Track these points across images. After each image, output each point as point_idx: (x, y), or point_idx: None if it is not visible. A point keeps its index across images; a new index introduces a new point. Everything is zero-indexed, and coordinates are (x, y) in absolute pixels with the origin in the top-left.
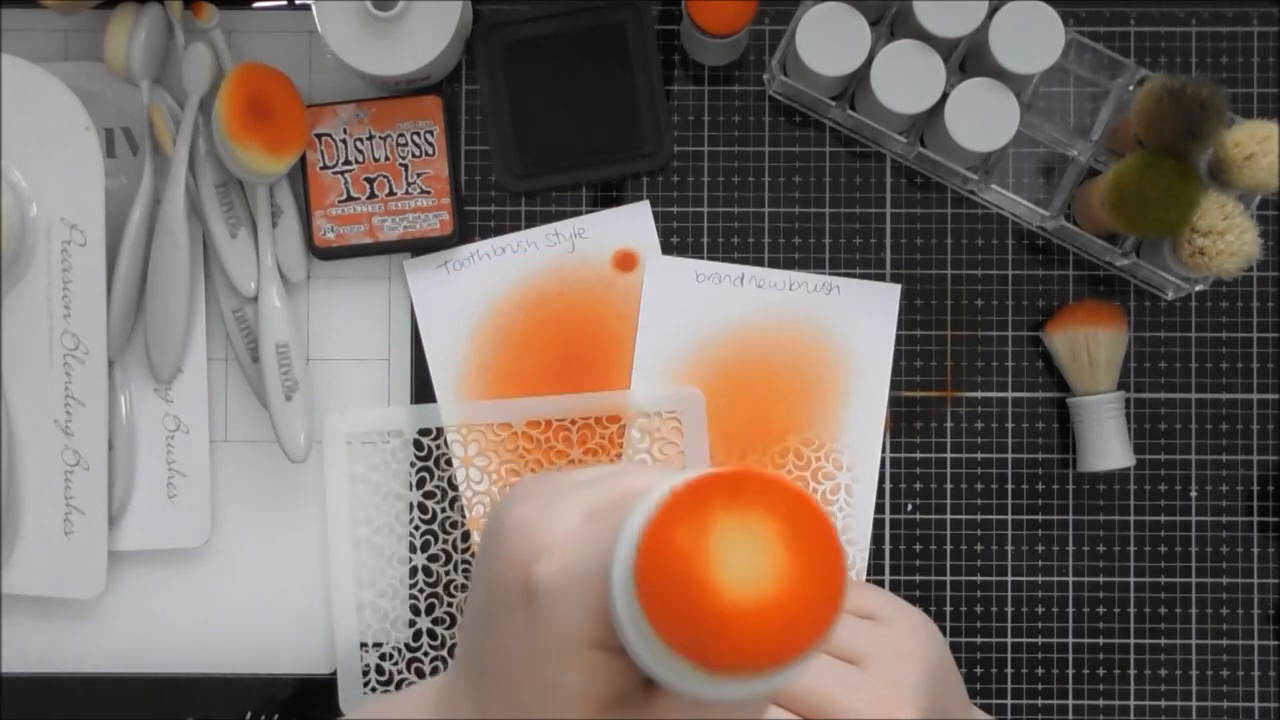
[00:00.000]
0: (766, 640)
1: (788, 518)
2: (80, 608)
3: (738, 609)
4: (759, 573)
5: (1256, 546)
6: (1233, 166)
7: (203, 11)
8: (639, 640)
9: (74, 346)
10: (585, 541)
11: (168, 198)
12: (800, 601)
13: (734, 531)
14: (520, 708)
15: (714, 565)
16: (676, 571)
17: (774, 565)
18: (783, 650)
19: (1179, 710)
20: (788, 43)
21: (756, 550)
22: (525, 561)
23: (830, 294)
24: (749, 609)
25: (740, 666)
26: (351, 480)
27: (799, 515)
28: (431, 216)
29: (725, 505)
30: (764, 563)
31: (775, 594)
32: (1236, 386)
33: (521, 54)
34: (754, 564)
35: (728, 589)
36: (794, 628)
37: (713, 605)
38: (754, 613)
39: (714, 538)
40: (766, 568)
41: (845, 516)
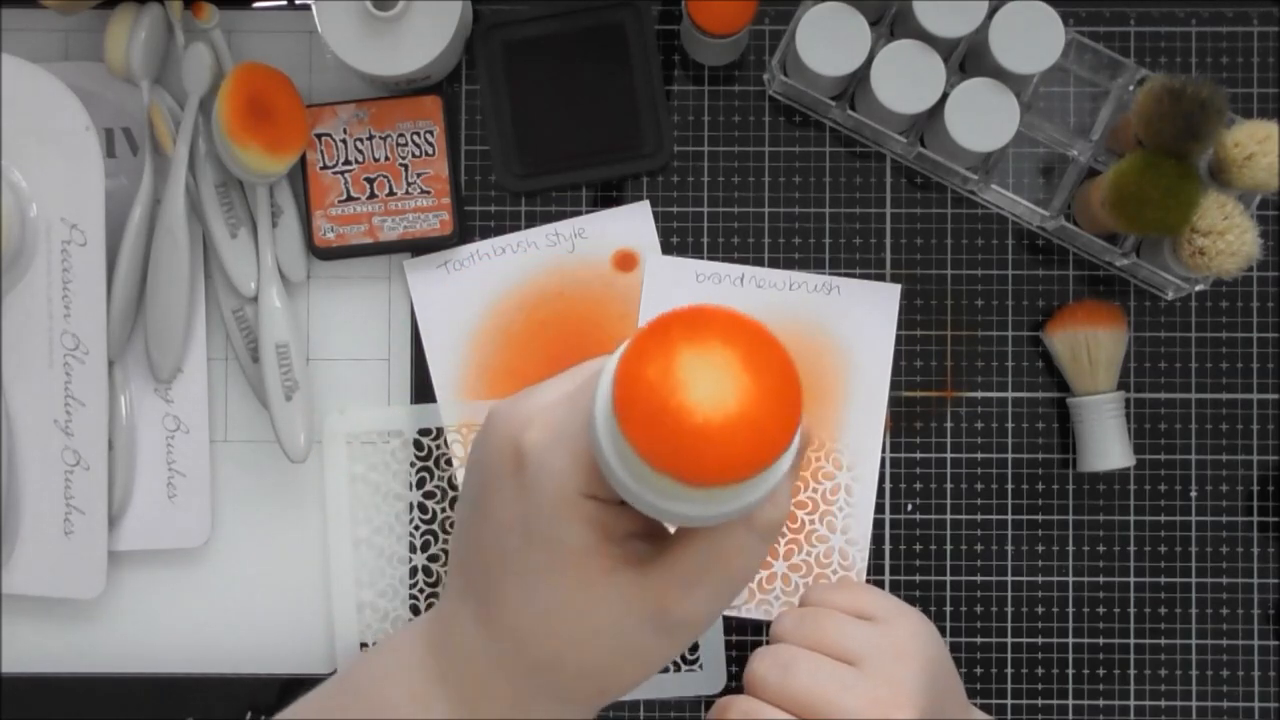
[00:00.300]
0: (735, 450)
1: (744, 344)
2: (80, 608)
3: (708, 425)
4: (722, 393)
5: (1256, 546)
6: (1233, 166)
7: (203, 11)
8: (624, 469)
9: (74, 346)
10: (566, 407)
11: (168, 198)
12: (762, 415)
13: (696, 359)
14: (524, 586)
15: (682, 390)
16: (650, 399)
17: (735, 386)
18: (750, 459)
19: (1179, 710)
20: (788, 43)
21: (718, 374)
22: (513, 435)
23: (830, 294)
24: (717, 424)
25: (715, 476)
26: (351, 480)
27: (755, 341)
28: (431, 216)
29: (686, 338)
30: (726, 384)
31: (739, 410)
32: (1236, 386)
33: (521, 54)
34: (717, 386)
35: (697, 409)
36: (758, 439)
37: (686, 424)
38: (722, 427)
39: (679, 367)
40: (729, 388)
41: (845, 516)
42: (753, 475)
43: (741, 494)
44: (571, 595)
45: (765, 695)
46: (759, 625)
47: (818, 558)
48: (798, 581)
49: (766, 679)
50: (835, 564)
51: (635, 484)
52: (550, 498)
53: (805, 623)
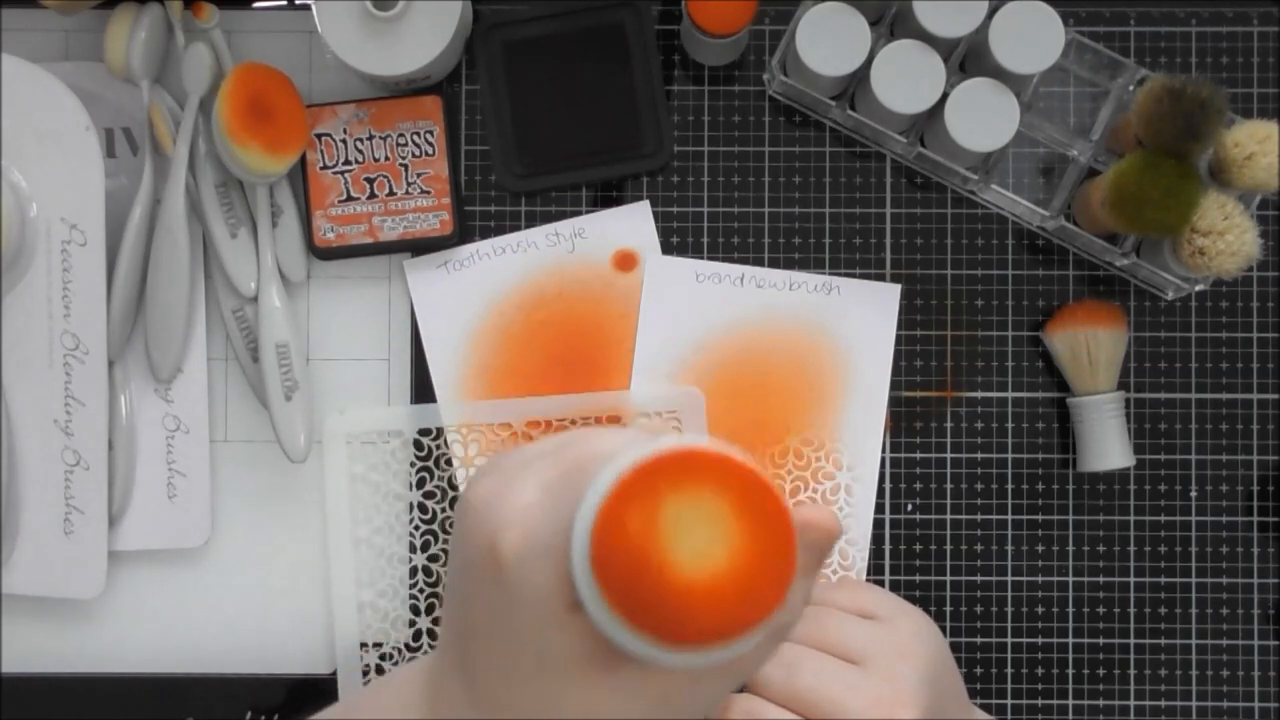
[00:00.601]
0: (721, 613)
1: (738, 492)
2: (80, 608)
3: (691, 585)
4: (711, 549)
5: (1256, 546)
6: (1233, 166)
7: (203, 11)
8: (601, 616)
9: (74, 346)
10: (545, 510)
11: (168, 198)
12: (752, 574)
13: (685, 510)
14: (514, 678)
15: (666, 545)
16: (630, 554)
17: (725, 540)
18: (737, 622)
19: (1179, 710)
20: (788, 43)
21: (707, 527)
22: (490, 536)
23: (830, 294)
24: (702, 585)
25: (697, 640)
26: (351, 480)
27: (749, 490)
28: (431, 216)
29: (674, 486)
30: (715, 539)
31: (728, 568)
32: (1236, 386)
33: (521, 54)
34: (705, 541)
35: (681, 567)
36: (746, 600)
37: (667, 583)
38: (707, 588)
39: (664, 518)
40: (718, 543)
41: (845, 516)
42: (749, 630)
43: (727, 651)
44: (573, 695)
45: (769, 695)
46: None
47: None
48: None
49: (770, 678)
50: (835, 564)
51: (612, 630)
52: (534, 612)
53: (808, 622)
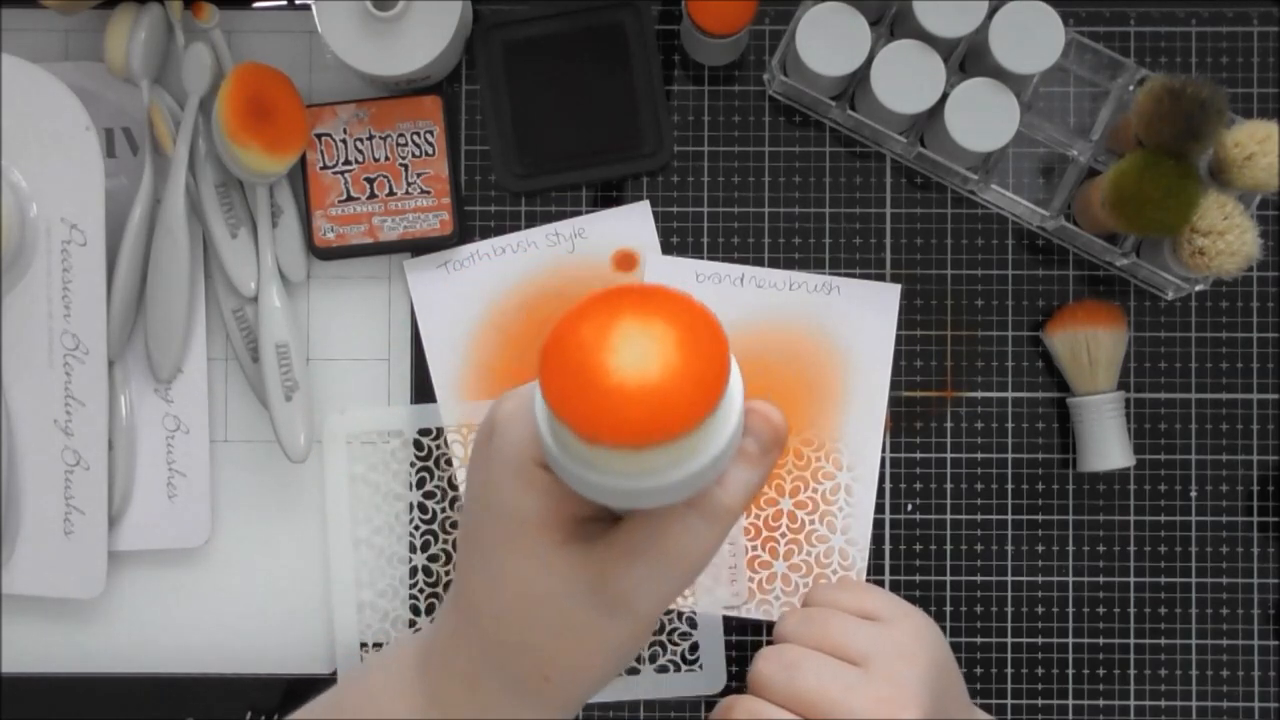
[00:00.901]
0: (641, 414)
1: (685, 323)
2: (80, 608)
3: (623, 385)
4: (646, 362)
5: (1256, 546)
6: (1233, 166)
7: (203, 11)
8: (550, 436)
9: (74, 346)
10: (534, 388)
11: (168, 198)
12: (677, 386)
13: (632, 330)
14: (481, 556)
15: (606, 353)
16: (575, 353)
17: (661, 357)
18: (655, 425)
19: (1179, 710)
20: (788, 43)
21: (647, 344)
22: (493, 408)
23: (830, 294)
24: (630, 387)
25: (615, 436)
26: (351, 480)
27: (696, 323)
28: (431, 216)
29: (630, 309)
30: (652, 355)
31: (657, 379)
32: (1236, 386)
33: (521, 54)
34: (643, 355)
35: (613, 371)
36: (668, 407)
37: (601, 382)
38: (634, 390)
39: (615, 332)
40: (654, 359)
41: (845, 516)
42: (665, 438)
43: (666, 465)
44: (518, 564)
45: (770, 696)
46: (759, 625)
47: (818, 558)
48: (798, 581)
49: (772, 679)
50: (835, 564)
51: (560, 453)
52: (508, 465)
53: (809, 623)
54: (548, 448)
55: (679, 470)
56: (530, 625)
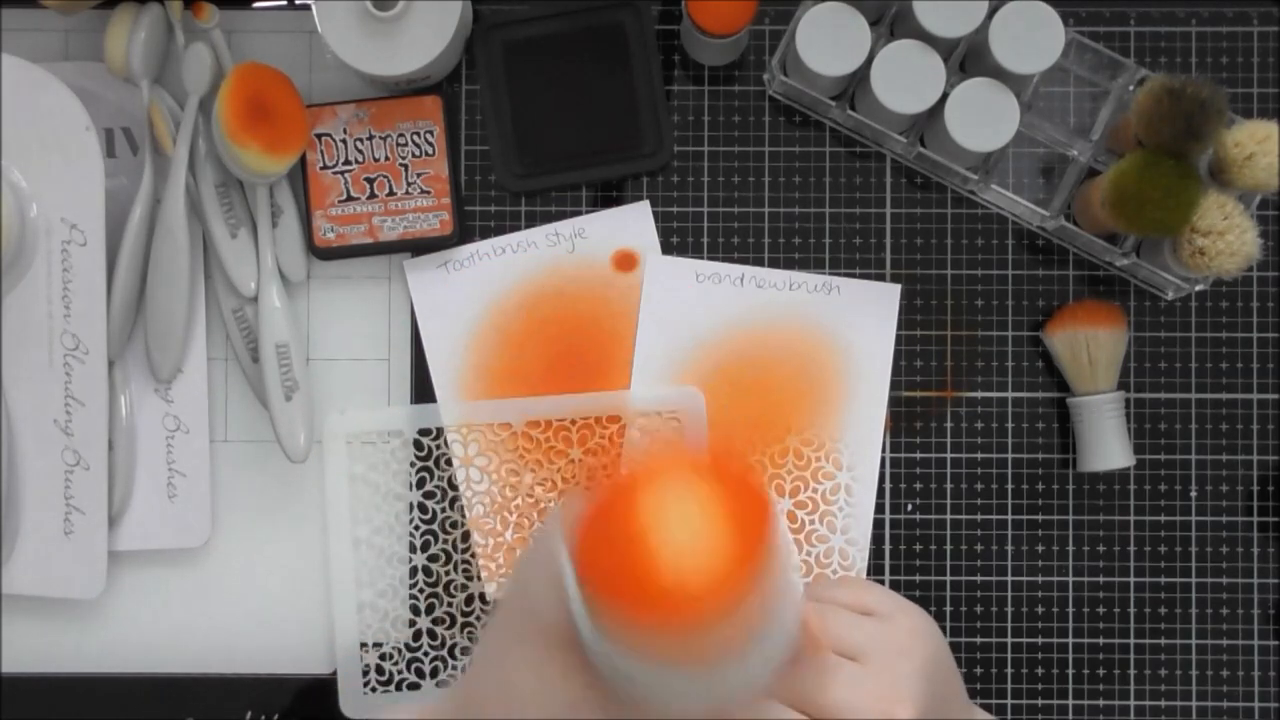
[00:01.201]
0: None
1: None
2: (80, 608)
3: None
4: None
5: (1256, 546)
6: (1233, 166)
7: (203, 11)
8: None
9: (74, 346)
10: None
11: (168, 198)
12: (715, 556)
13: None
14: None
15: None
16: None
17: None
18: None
19: (1179, 710)
20: (788, 43)
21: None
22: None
23: (830, 294)
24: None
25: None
26: (351, 480)
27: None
28: (431, 216)
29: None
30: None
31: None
32: (1236, 386)
33: (521, 54)
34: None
35: (661, 556)
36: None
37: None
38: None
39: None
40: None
41: (845, 516)
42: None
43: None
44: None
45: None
46: None
47: (818, 558)
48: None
49: None
50: (835, 564)
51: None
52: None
53: (808, 617)
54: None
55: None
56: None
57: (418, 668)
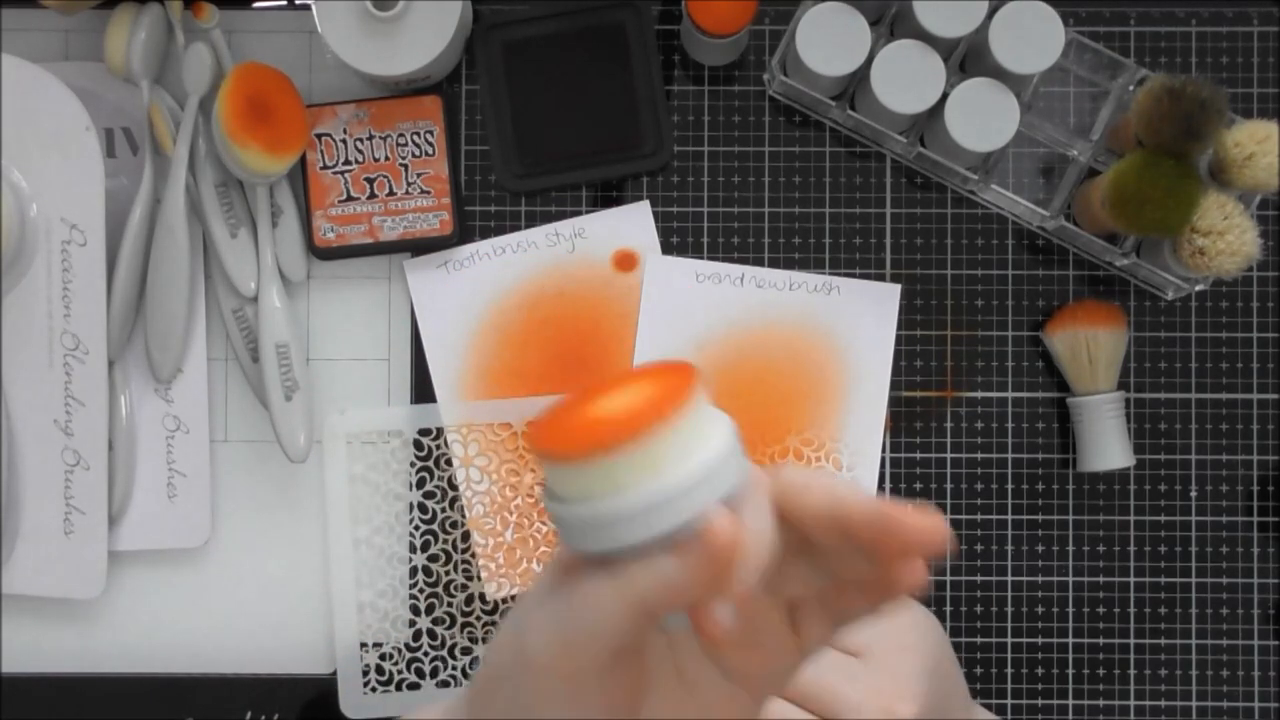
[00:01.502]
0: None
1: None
2: (80, 608)
3: (585, 409)
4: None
5: (1256, 546)
6: (1233, 166)
7: (203, 11)
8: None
9: (74, 346)
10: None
11: (168, 198)
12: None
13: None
14: None
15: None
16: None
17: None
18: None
19: (1179, 710)
20: (788, 43)
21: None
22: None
23: (830, 294)
24: (593, 408)
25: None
26: (351, 480)
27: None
28: (431, 216)
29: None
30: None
31: (618, 400)
32: (1236, 386)
33: (521, 54)
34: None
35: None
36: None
37: (569, 409)
38: (597, 408)
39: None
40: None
41: None
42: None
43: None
44: None
45: None
46: None
47: None
48: None
49: None
50: None
51: (549, 500)
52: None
53: None
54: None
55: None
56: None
57: (418, 668)
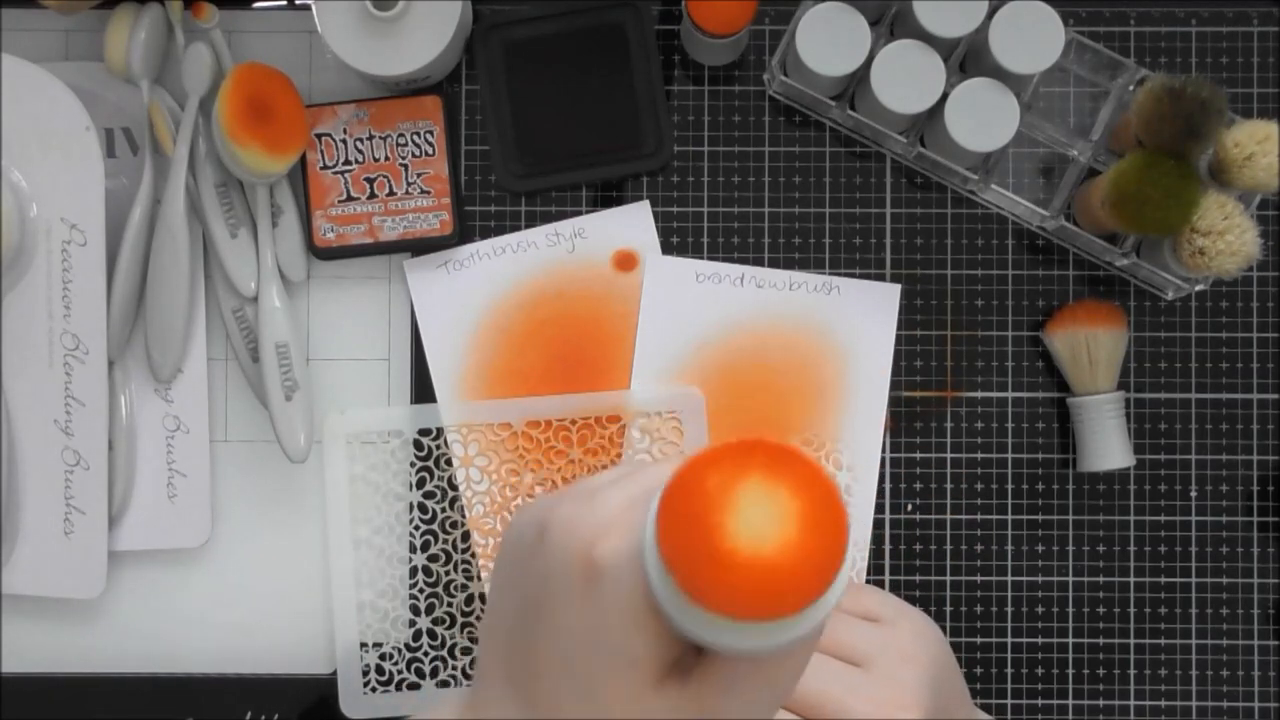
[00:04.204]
0: (773, 587)
1: (797, 480)
2: (80, 608)
3: (748, 559)
4: (768, 528)
5: (1256, 546)
6: (1233, 166)
7: (203, 11)
8: (656, 574)
9: (74, 346)
10: (634, 518)
11: (168, 198)
12: (805, 555)
13: (746, 490)
14: (583, 692)
15: (727, 518)
16: (691, 525)
17: (782, 522)
18: (787, 599)
19: (1179, 710)
20: (788, 43)
21: (766, 507)
22: (584, 547)
23: (830, 294)
24: (758, 559)
25: (749, 610)
26: (351, 480)
27: (807, 479)
28: (431, 216)
29: (737, 468)
30: (773, 519)
31: (782, 547)
32: (1236, 386)
33: (521, 54)
34: (764, 520)
35: (739, 539)
36: (798, 579)
37: (725, 554)
38: (763, 562)
39: (739, 491)
40: (775, 524)
41: None
42: (778, 616)
43: (778, 631)
44: (624, 707)
45: None
46: None
47: None
48: None
49: None
50: None
51: (679, 615)
52: (628, 610)
53: None
54: (657, 591)
55: (790, 633)
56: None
57: (418, 668)
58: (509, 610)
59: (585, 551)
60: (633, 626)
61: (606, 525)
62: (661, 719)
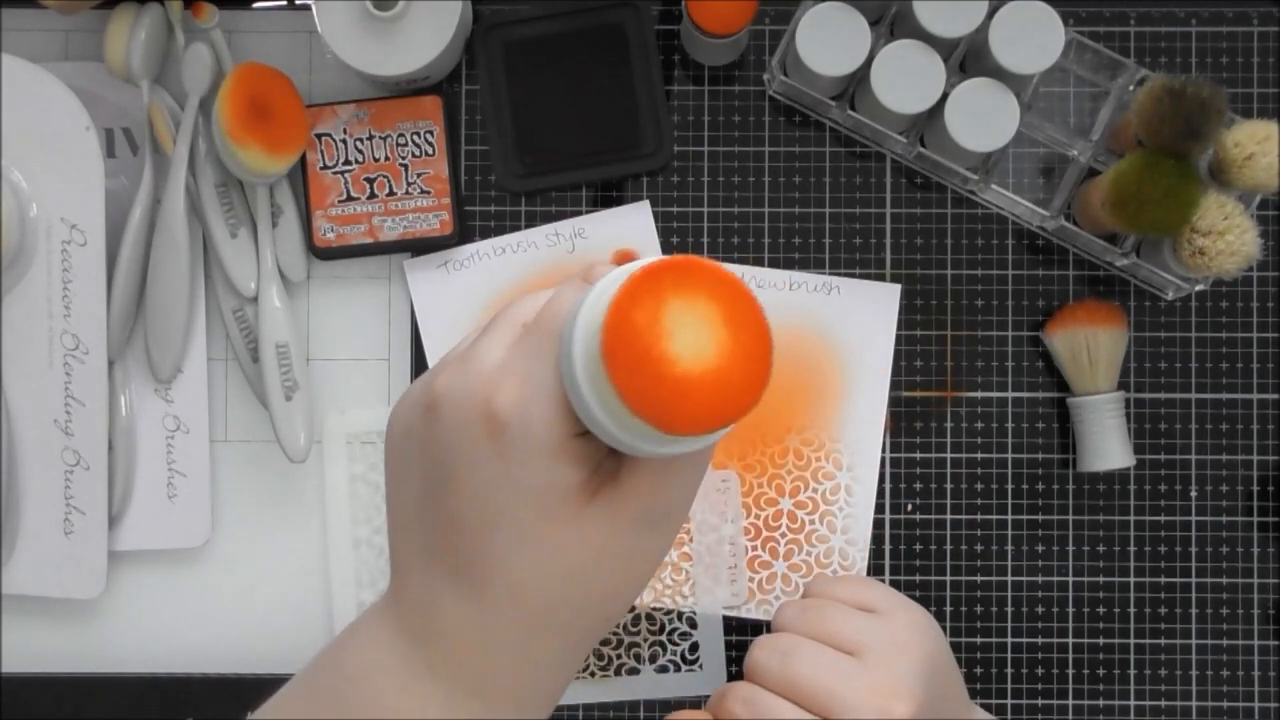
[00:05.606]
0: (713, 404)
1: (728, 301)
2: (80, 608)
3: (690, 378)
4: (704, 346)
5: (1256, 546)
6: (1233, 166)
7: (203, 11)
8: (605, 414)
9: (74, 346)
10: (525, 361)
11: (168, 198)
12: (739, 372)
13: (683, 311)
14: (518, 540)
15: (668, 340)
16: (638, 347)
17: (716, 341)
18: (725, 413)
19: (1179, 710)
20: (788, 43)
21: (701, 327)
22: (480, 405)
23: (830, 294)
24: (699, 378)
25: (693, 427)
26: (351, 480)
27: (737, 300)
28: (431, 216)
29: (675, 289)
30: (708, 338)
31: (718, 365)
32: (1236, 386)
33: (521, 54)
34: (699, 339)
35: (681, 361)
36: (731, 394)
37: (671, 375)
38: (703, 381)
39: (666, 317)
40: (710, 342)
41: (845, 516)
42: (723, 428)
43: (706, 440)
44: (566, 533)
45: (765, 682)
46: (759, 625)
47: (817, 558)
48: (797, 581)
49: (767, 666)
50: (835, 564)
51: (614, 426)
52: (543, 448)
53: (807, 613)
54: (596, 421)
55: (721, 433)
56: (598, 579)
57: None
58: (413, 496)
59: (482, 409)
60: (557, 457)
61: (493, 378)
62: (605, 524)
